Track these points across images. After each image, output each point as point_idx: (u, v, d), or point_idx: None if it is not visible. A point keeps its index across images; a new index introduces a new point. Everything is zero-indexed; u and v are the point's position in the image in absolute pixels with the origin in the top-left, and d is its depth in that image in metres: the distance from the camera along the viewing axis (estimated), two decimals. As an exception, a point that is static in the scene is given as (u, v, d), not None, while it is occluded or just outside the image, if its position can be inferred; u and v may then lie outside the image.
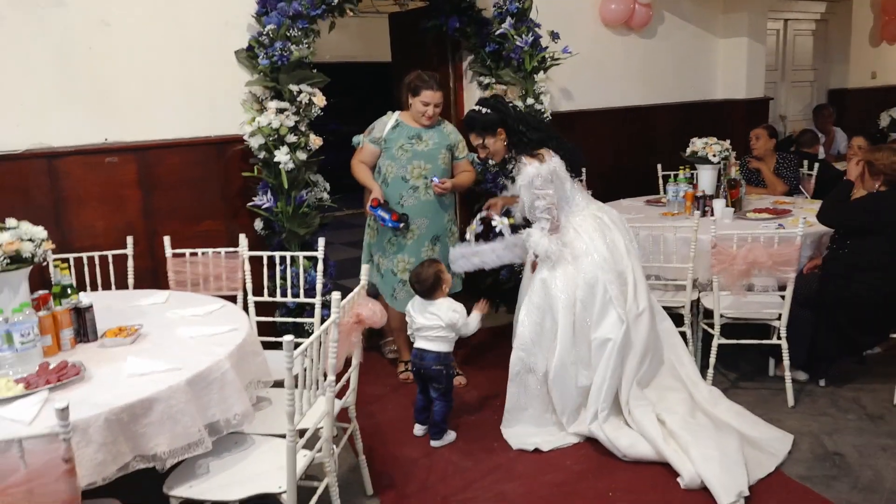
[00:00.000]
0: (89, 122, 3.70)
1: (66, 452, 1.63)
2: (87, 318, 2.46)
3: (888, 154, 3.51)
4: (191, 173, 3.96)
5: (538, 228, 3.17)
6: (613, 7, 5.30)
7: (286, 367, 2.02)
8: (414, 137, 3.68)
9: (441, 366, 3.21)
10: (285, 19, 3.76)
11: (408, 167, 3.67)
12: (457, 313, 3.20)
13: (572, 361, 3.17)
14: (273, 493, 2.16)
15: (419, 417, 3.36)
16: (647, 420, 3.05)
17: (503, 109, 3.24)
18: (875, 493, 2.77)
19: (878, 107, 7.46)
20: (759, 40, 6.06)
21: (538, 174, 3.11)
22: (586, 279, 3.15)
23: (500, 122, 3.22)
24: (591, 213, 3.28)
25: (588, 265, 3.15)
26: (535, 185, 3.11)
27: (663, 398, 3.19)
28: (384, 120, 3.75)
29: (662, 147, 5.61)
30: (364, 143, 3.78)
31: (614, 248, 3.22)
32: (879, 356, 3.98)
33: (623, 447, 3.02)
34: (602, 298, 3.14)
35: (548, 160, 3.14)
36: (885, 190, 3.52)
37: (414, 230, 3.71)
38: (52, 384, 2.05)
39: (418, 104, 3.61)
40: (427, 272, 3.23)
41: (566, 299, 3.15)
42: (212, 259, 3.37)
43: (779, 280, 3.51)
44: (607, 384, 3.11)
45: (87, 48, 3.66)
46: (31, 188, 3.59)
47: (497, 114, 3.22)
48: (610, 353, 3.11)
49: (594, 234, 3.20)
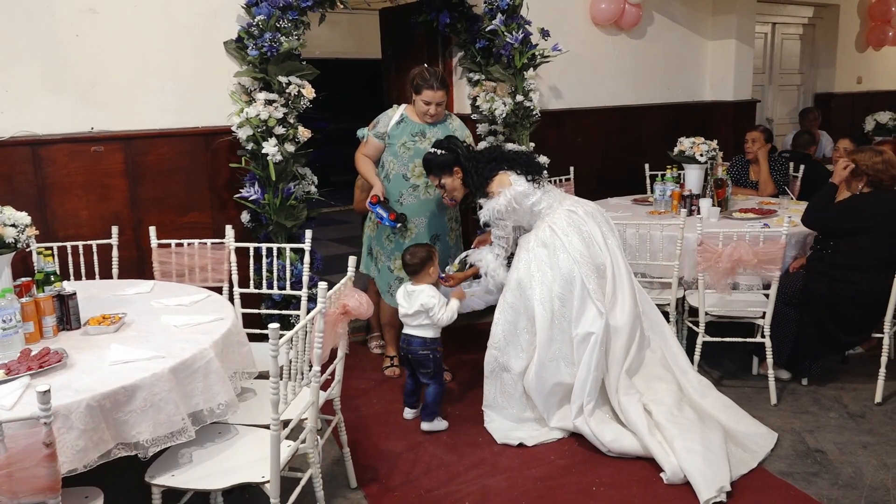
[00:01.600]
0: (75, 111, 3.67)
1: (48, 437, 1.62)
2: (71, 305, 2.44)
3: (870, 155, 3.55)
4: (178, 164, 3.94)
5: (493, 254, 3.38)
6: (604, 6, 5.32)
7: (271, 356, 2.01)
8: (417, 134, 3.67)
9: (427, 350, 3.31)
10: (275, 10, 3.75)
11: (409, 165, 3.67)
12: (433, 298, 3.29)
13: (551, 358, 3.18)
14: (256, 482, 2.15)
15: (408, 401, 3.46)
16: (633, 409, 3.06)
17: (456, 150, 3.41)
18: (855, 489, 2.79)
19: (863, 111, 7.55)
20: (747, 43, 6.11)
21: (495, 208, 3.26)
22: (563, 274, 3.17)
23: (454, 162, 3.39)
24: (564, 210, 3.31)
25: (564, 261, 3.18)
26: (493, 218, 3.30)
27: (651, 388, 3.20)
28: (389, 114, 3.74)
29: (650, 147, 5.64)
30: (368, 137, 3.75)
31: (591, 242, 3.25)
32: (861, 356, 4.03)
33: (607, 441, 3.04)
34: (580, 293, 3.16)
35: (502, 192, 3.24)
36: (868, 192, 3.56)
37: (412, 229, 3.72)
38: (33, 370, 2.03)
39: (420, 103, 3.62)
40: (421, 250, 3.37)
41: (542, 295, 3.17)
42: (198, 250, 3.34)
43: (763, 279, 3.54)
44: (592, 377, 3.12)
45: (73, 36, 3.62)
46: (14, 175, 3.56)
47: (451, 154, 3.40)
48: (592, 348, 3.12)
49: (568, 230, 3.23)
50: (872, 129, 7.17)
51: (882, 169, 3.51)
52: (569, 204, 3.35)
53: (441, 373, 3.40)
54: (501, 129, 4.69)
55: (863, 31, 7.68)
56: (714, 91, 6.18)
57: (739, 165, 5.16)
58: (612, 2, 5.31)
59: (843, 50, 7.60)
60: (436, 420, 3.33)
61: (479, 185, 3.33)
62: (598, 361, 3.13)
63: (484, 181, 3.31)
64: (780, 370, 3.70)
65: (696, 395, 3.27)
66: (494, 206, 3.25)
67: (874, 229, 3.46)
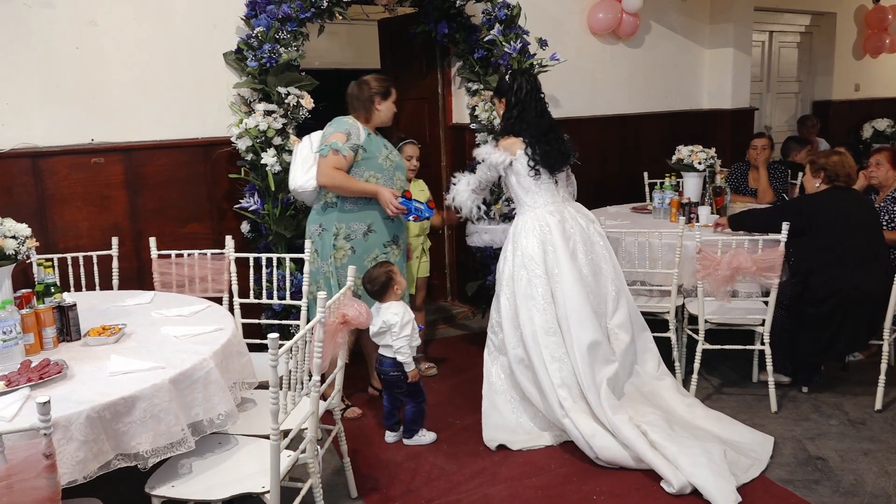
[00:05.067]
0: (75, 122, 3.69)
1: (48, 448, 1.62)
2: (71, 316, 2.44)
3: (827, 153, 3.73)
4: (177, 175, 3.95)
5: (465, 181, 3.52)
6: (601, 16, 5.34)
7: (271, 366, 2.01)
8: (386, 146, 3.49)
9: (398, 371, 3.19)
10: (274, 21, 3.77)
11: (392, 178, 3.45)
12: (396, 316, 3.13)
13: (514, 344, 3.29)
14: (256, 493, 2.14)
15: (386, 423, 3.35)
16: (626, 428, 3.02)
17: (517, 85, 3.37)
18: (856, 496, 2.79)
19: (861, 118, 7.57)
20: (744, 51, 6.13)
21: (486, 155, 3.39)
22: (511, 272, 3.32)
23: (504, 94, 3.42)
24: (538, 214, 3.32)
25: (517, 259, 3.30)
26: (478, 159, 3.44)
27: (640, 412, 3.19)
28: (350, 123, 3.38)
29: (648, 155, 5.65)
30: (342, 151, 3.30)
31: (551, 251, 3.27)
32: (861, 363, 4.03)
33: (597, 448, 3.03)
34: (524, 292, 3.25)
35: (499, 152, 3.33)
36: (822, 189, 3.62)
37: (401, 245, 3.56)
38: (33, 382, 2.03)
39: (391, 105, 3.49)
40: (377, 271, 3.23)
41: (506, 286, 3.34)
42: (197, 260, 3.35)
43: (762, 286, 3.54)
44: (540, 374, 3.18)
45: (74, 48, 3.64)
46: (15, 186, 3.57)
47: (509, 84, 3.39)
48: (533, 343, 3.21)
49: (530, 234, 3.30)
50: (870, 136, 7.19)
51: (838, 163, 3.61)
52: (552, 209, 3.34)
53: (418, 392, 3.28)
54: (500, 139, 4.71)
55: (860, 39, 7.71)
56: (712, 99, 6.20)
57: (739, 173, 5.17)
58: (610, 11, 5.34)
59: (841, 58, 7.63)
60: (416, 436, 3.27)
61: (501, 129, 3.45)
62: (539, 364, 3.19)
63: (505, 131, 3.39)
64: (779, 375, 3.69)
65: (685, 413, 3.28)
66: (488, 155, 3.37)
67: (824, 228, 3.53)
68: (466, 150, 4.94)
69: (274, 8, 3.77)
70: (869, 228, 3.59)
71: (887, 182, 4.09)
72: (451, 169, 5.12)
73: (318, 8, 3.88)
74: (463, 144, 5.00)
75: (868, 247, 3.55)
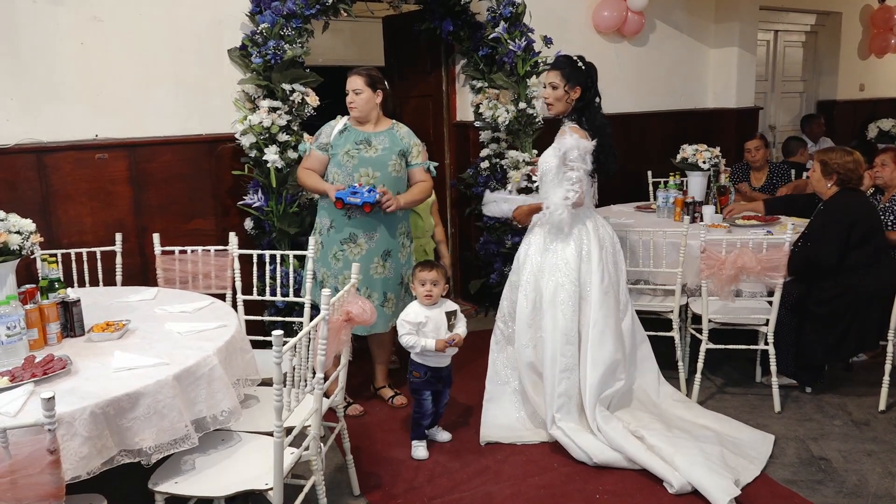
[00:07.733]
0: (80, 118, 3.69)
1: (52, 443, 1.62)
2: (75, 312, 2.44)
3: (840, 154, 3.60)
4: (182, 171, 3.95)
5: (562, 196, 3.09)
6: (606, 14, 5.33)
7: (274, 362, 2.01)
8: (362, 142, 3.37)
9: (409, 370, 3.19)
10: (279, 18, 3.76)
11: (354, 175, 3.34)
12: (406, 317, 3.10)
13: (525, 344, 3.25)
14: (259, 490, 2.14)
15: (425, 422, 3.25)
16: (619, 436, 3.02)
17: (592, 76, 3.20)
18: (859, 497, 2.78)
19: (865, 118, 7.54)
20: (749, 50, 6.11)
21: (577, 146, 3.05)
22: (537, 269, 3.22)
23: (581, 82, 3.16)
24: (578, 217, 3.21)
25: (548, 259, 3.20)
26: (570, 157, 3.06)
27: (636, 417, 3.20)
28: (332, 124, 3.45)
29: (653, 154, 5.64)
30: (311, 151, 3.44)
31: (586, 259, 3.19)
32: (865, 363, 4.01)
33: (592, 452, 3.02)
34: (551, 296, 3.16)
35: (584, 139, 3.09)
36: (835, 193, 3.57)
37: (362, 244, 3.41)
38: (37, 377, 2.03)
39: (350, 95, 3.39)
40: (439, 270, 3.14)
41: (527, 283, 3.23)
42: (201, 257, 3.35)
43: (767, 286, 3.53)
44: (548, 383, 3.15)
45: (78, 44, 3.64)
46: (19, 182, 3.57)
47: (586, 74, 3.17)
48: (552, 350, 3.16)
49: (568, 237, 3.16)
50: (875, 136, 7.16)
51: (852, 168, 3.54)
52: (588, 212, 3.27)
53: (416, 395, 3.19)
54: (504, 137, 4.70)
55: (865, 39, 7.68)
56: (716, 98, 6.18)
57: (740, 173, 5.16)
58: (615, 9, 5.32)
59: (846, 57, 7.60)
60: (412, 444, 3.19)
61: (575, 117, 3.17)
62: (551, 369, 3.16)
63: (579, 121, 3.15)
64: (782, 377, 3.68)
65: (684, 413, 3.28)
66: (579, 145, 3.04)
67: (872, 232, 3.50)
68: (470, 148, 4.93)
69: (279, 4, 3.77)
70: (877, 230, 3.58)
71: (892, 182, 4.08)
72: (455, 166, 5.12)
73: (323, 5, 3.88)
74: (467, 142, 4.99)
75: (877, 248, 3.54)
